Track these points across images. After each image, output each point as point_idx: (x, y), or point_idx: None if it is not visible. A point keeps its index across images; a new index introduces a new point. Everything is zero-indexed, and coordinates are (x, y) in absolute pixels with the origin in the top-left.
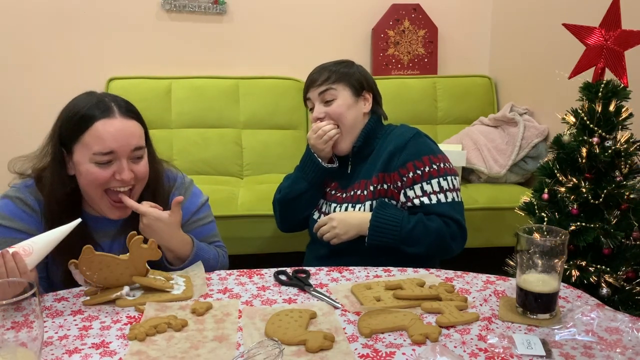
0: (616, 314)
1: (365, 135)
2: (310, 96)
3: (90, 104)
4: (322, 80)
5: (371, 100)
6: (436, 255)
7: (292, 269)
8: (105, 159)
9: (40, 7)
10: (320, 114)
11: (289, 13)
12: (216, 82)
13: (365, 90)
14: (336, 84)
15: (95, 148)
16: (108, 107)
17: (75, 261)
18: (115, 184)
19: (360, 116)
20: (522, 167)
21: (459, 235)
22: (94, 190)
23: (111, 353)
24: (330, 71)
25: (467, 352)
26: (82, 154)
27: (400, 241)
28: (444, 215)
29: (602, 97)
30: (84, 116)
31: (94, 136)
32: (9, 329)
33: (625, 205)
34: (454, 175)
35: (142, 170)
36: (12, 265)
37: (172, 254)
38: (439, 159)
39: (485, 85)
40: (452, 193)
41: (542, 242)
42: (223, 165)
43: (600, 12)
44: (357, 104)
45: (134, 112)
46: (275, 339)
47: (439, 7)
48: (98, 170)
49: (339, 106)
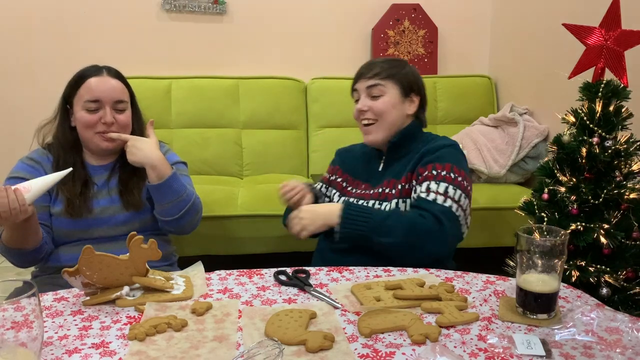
0: (616, 314)
1: (403, 135)
2: (358, 87)
3: (88, 68)
4: (373, 74)
5: (417, 103)
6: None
7: (292, 269)
8: (93, 106)
9: (40, 7)
10: (364, 107)
11: (289, 13)
12: (216, 82)
13: (413, 92)
14: (386, 81)
15: (85, 97)
16: (100, 69)
17: (69, 269)
18: (100, 127)
19: (403, 117)
20: (522, 167)
21: (436, 234)
22: (86, 132)
23: (111, 353)
24: (382, 67)
25: (467, 352)
26: (77, 104)
27: (372, 230)
28: (427, 210)
29: (602, 97)
30: (81, 75)
31: (86, 88)
32: (8, 329)
33: (625, 205)
34: (466, 195)
35: (123, 119)
36: (13, 197)
37: (155, 172)
38: (460, 174)
39: (485, 85)
40: (454, 203)
41: (542, 242)
42: (223, 165)
43: (600, 12)
44: (403, 104)
45: (121, 77)
46: (275, 339)
47: (439, 7)
48: (88, 115)
49: (384, 103)
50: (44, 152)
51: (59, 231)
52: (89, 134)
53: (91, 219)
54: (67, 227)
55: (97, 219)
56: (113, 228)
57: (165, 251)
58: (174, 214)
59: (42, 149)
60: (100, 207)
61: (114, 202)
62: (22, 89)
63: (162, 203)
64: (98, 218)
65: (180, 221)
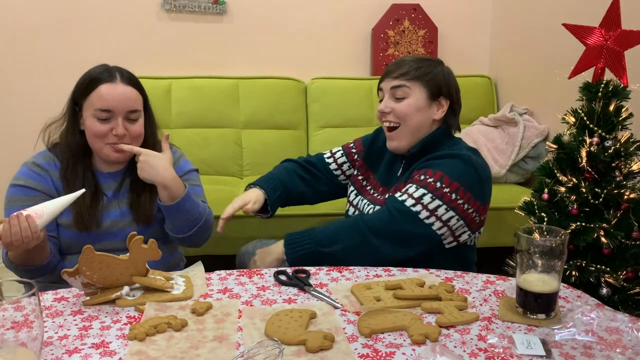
0: (616, 314)
1: (425, 143)
2: (383, 87)
3: (99, 71)
4: (399, 74)
5: (446, 107)
6: (363, 255)
7: (292, 268)
8: (104, 115)
9: (40, 7)
10: (386, 108)
11: (289, 13)
12: (216, 82)
13: (443, 95)
14: (412, 82)
15: (97, 105)
16: (113, 74)
17: (68, 270)
18: (111, 138)
19: (428, 122)
20: (522, 167)
21: (380, 228)
22: (96, 142)
23: (111, 353)
24: (410, 66)
25: (467, 352)
26: (88, 110)
27: (317, 244)
28: (385, 205)
29: (602, 97)
30: (92, 79)
31: (97, 96)
32: (9, 329)
33: (625, 205)
34: (450, 208)
35: (135, 130)
36: (25, 225)
37: (166, 192)
38: (451, 186)
39: (485, 85)
40: (424, 210)
41: (542, 242)
42: (223, 165)
43: (600, 12)
44: (430, 108)
45: (135, 81)
46: (275, 339)
47: (439, 7)
48: (98, 124)
49: (408, 106)
50: (50, 157)
51: (66, 242)
52: (98, 144)
53: (100, 233)
54: (75, 239)
55: (106, 232)
56: (122, 242)
57: (174, 259)
58: (185, 232)
59: (48, 153)
60: (110, 220)
61: (124, 215)
62: (22, 89)
63: (172, 220)
64: (108, 232)
65: (192, 238)
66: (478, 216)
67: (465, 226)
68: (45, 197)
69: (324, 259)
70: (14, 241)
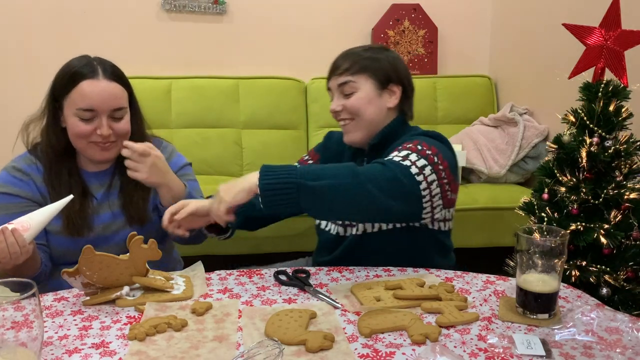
0: (616, 314)
1: (384, 134)
2: (330, 86)
3: (80, 65)
4: (343, 70)
5: (399, 94)
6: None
7: (292, 269)
8: (87, 115)
9: (40, 7)
10: (337, 106)
11: (289, 13)
12: (216, 82)
13: (393, 82)
14: (357, 76)
15: (79, 104)
16: (94, 69)
17: (68, 270)
18: (95, 137)
19: (383, 111)
20: (522, 167)
21: (376, 174)
22: (79, 141)
23: (111, 353)
24: (353, 60)
25: (467, 352)
26: (69, 108)
27: (300, 175)
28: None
29: (602, 97)
30: (73, 75)
31: (79, 94)
32: (9, 329)
33: (625, 205)
34: (433, 169)
35: (121, 128)
36: (12, 241)
37: (170, 193)
38: (431, 149)
39: (485, 85)
40: (414, 167)
41: (542, 242)
42: (223, 165)
43: (600, 12)
44: (381, 97)
45: (119, 75)
46: (275, 339)
47: (439, 7)
48: (81, 124)
49: (358, 99)
50: (32, 160)
51: (57, 250)
52: (82, 143)
53: (93, 238)
54: (67, 247)
55: (99, 237)
56: (116, 246)
57: (171, 263)
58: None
59: (28, 155)
60: (102, 224)
61: (116, 217)
62: (22, 89)
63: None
64: (100, 236)
65: (192, 237)
66: (450, 191)
67: (440, 197)
68: (30, 204)
69: (305, 194)
70: (0, 259)
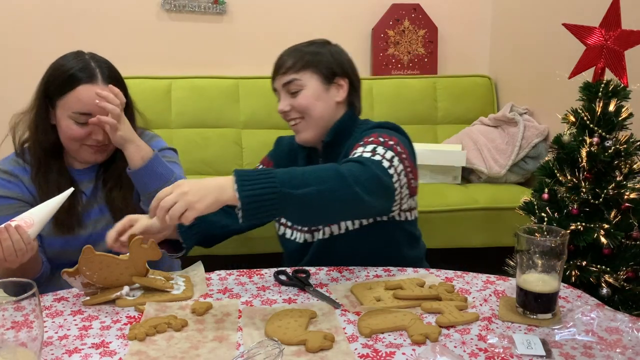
0: (616, 314)
1: (336, 130)
2: (276, 87)
3: (78, 67)
4: (287, 68)
5: (347, 87)
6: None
7: (292, 269)
8: (83, 118)
9: (40, 7)
10: (285, 106)
11: (289, 13)
12: (216, 82)
13: (338, 76)
14: (302, 73)
15: (75, 108)
16: (93, 73)
17: (68, 270)
18: (90, 141)
19: (332, 107)
20: (522, 167)
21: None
22: (72, 144)
23: (111, 353)
24: (296, 57)
25: (467, 352)
26: (63, 110)
27: (282, 183)
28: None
29: (602, 97)
30: (70, 77)
31: (76, 97)
32: (8, 329)
33: (625, 205)
34: (400, 160)
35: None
36: (17, 238)
37: (139, 153)
38: (392, 139)
39: (485, 85)
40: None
41: (542, 242)
42: (223, 165)
43: (600, 12)
44: (328, 92)
45: (116, 78)
46: (275, 339)
47: (439, 7)
48: (76, 127)
49: (306, 97)
50: (18, 162)
51: (51, 252)
52: (74, 146)
53: (85, 236)
54: (60, 247)
55: (92, 234)
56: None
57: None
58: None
59: (15, 157)
60: (91, 220)
61: (102, 212)
62: (22, 90)
63: (149, 192)
64: (93, 234)
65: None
66: (413, 179)
67: (407, 186)
68: (22, 204)
69: (291, 203)
70: (7, 257)
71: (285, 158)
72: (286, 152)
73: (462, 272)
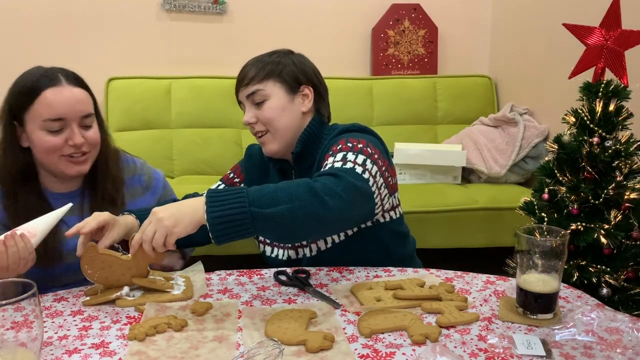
0: (616, 314)
1: (304, 140)
2: (240, 99)
3: (38, 75)
4: (250, 79)
5: (312, 95)
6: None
7: (292, 269)
8: (55, 125)
9: (40, 7)
10: (251, 118)
11: (289, 13)
12: (216, 82)
13: (303, 84)
14: (265, 82)
15: (45, 115)
16: (55, 76)
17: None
18: (68, 149)
19: (298, 117)
20: (522, 167)
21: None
22: (49, 157)
23: (111, 353)
24: (258, 67)
25: (467, 352)
26: (33, 123)
27: (251, 203)
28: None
29: (602, 97)
30: (32, 86)
31: (43, 104)
32: (8, 329)
33: (625, 205)
34: (372, 161)
35: (93, 137)
36: (22, 245)
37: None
38: (361, 142)
39: (485, 85)
40: (357, 165)
41: (542, 242)
42: (223, 165)
43: (600, 12)
44: (294, 102)
45: (81, 81)
46: (275, 339)
47: (439, 7)
48: (50, 137)
49: (271, 109)
50: None
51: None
52: (52, 159)
53: (63, 265)
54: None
55: (70, 264)
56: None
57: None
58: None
59: None
60: (72, 248)
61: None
62: None
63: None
64: (72, 263)
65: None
66: (390, 176)
67: (385, 186)
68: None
69: (262, 222)
70: (10, 264)
71: (256, 169)
72: (257, 163)
73: (462, 272)
